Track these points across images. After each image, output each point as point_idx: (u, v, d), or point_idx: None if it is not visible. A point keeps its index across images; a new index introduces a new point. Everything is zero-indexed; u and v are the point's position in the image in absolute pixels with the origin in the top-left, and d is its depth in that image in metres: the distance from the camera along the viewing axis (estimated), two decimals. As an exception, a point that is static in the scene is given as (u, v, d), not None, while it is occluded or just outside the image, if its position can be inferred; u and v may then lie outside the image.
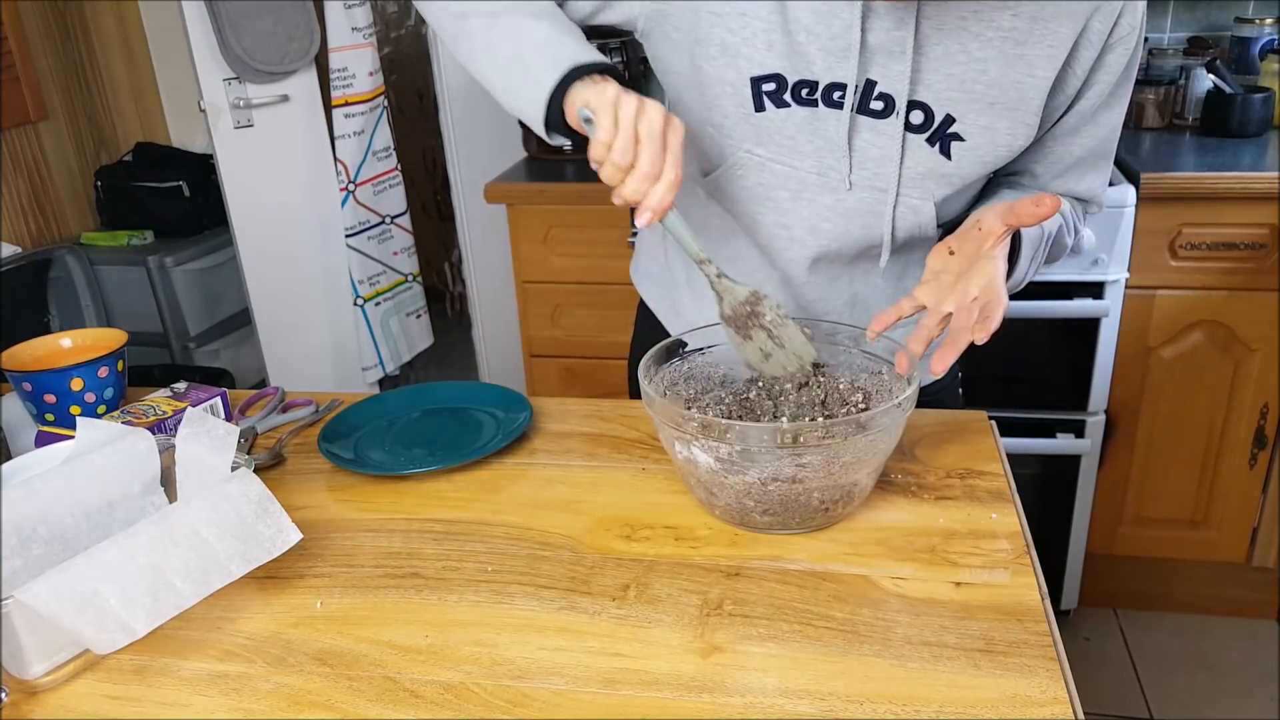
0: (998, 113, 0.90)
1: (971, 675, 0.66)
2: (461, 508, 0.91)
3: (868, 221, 0.96)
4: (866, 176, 0.94)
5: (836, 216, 0.96)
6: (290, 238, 2.50)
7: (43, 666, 0.70)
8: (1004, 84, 0.88)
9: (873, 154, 0.93)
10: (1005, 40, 0.87)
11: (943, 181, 0.93)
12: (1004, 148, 0.92)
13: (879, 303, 1.04)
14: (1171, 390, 1.88)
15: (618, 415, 1.06)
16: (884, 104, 0.90)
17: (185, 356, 2.73)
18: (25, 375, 1.02)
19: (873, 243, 0.98)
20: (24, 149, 2.62)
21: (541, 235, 1.99)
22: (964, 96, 0.89)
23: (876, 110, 0.91)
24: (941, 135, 0.91)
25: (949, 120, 0.90)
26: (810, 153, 0.94)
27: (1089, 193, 1.02)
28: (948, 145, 0.92)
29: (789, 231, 0.99)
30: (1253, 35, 2.09)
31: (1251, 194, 1.70)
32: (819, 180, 0.95)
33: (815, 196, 0.96)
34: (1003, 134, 0.91)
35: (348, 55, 2.38)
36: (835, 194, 0.95)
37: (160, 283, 2.65)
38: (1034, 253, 0.93)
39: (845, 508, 0.83)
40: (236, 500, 0.75)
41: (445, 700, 0.67)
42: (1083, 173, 1.00)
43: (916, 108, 0.90)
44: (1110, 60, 0.90)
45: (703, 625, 0.73)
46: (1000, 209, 0.84)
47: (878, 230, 0.96)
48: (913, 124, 0.91)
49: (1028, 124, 0.91)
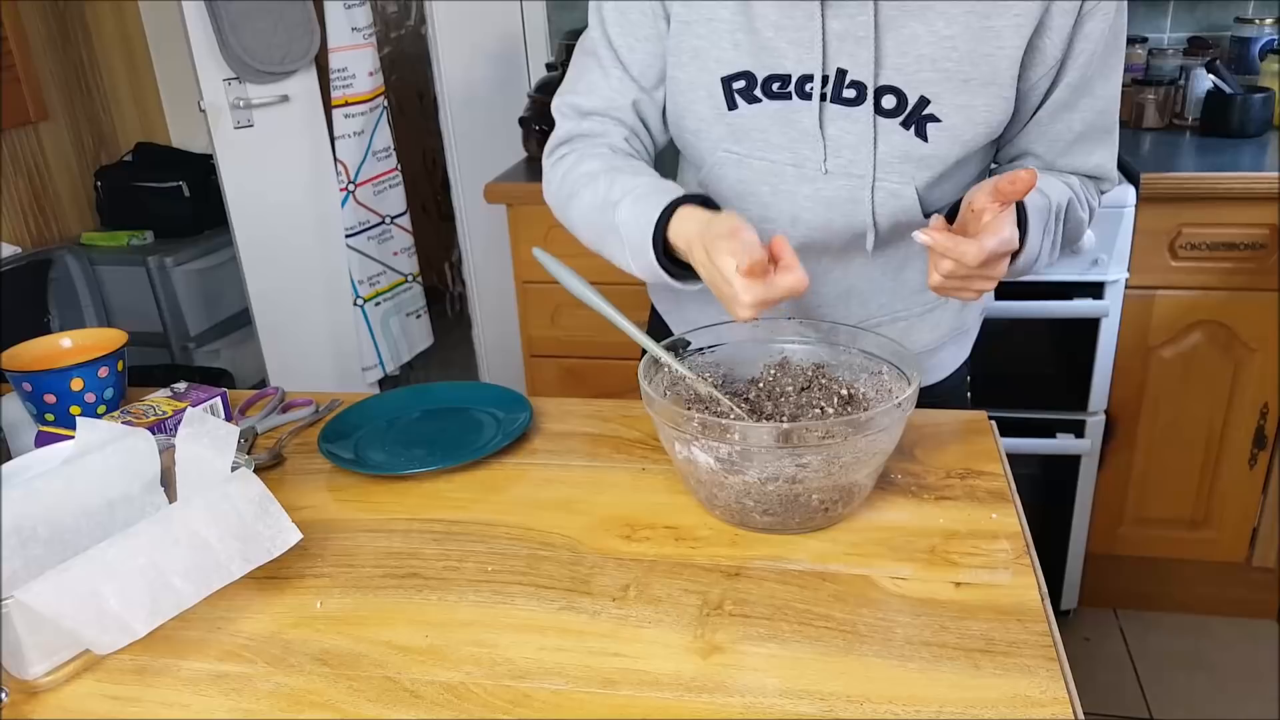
0: (973, 89, 0.90)
1: (971, 675, 0.66)
2: (461, 508, 0.91)
3: (848, 209, 0.97)
4: (842, 164, 0.95)
5: (816, 205, 0.97)
6: (290, 238, 2.50)
7: (43, 666, 0.70)
8: (974, 58, 0.89)
9: (847, 141, 0.94)
10: (970, 15, 0.88)
11: (921, 164, 0.94)
12: (982, 124, 0.92)
13: (875, 295, 1.05)
14: (1171, 390, 1.88)
15: (618, 415, 1.06)
16: (856, 91, 0.92)
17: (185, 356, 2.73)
18: (25, 375, 1.02)
19: (857, 231, 0.98)
20: (24, 149, 2.62)
21: (541, 235, 1.99)
22: (937, 76, 0.90)
23: (849, 98, 0.92)
24: (917, 118, 0.92)
25: (924, 102, 0.91)
26: (785, 145, 0.96)
27: (1098, 169, 1.01)
28: (923, 127, 0.92)
29: (773, 224, 1.00)
30: (1253, 35, 2.09)
31: (1251, 194, 1.70)
32: (796, 171, 0.96)
33: (793, 187, 0.97)
34: (980, 110, 0.92)
35: (348, 55, 2.38)
36: (813, 183, 0.97)
37: (160, 283, 2.65)
38: (1044, 223, 0.91)
39: (845, 508, 0.83)
40: (236, 500, 0.75)
41: (445, 700, 0.67)
42: (1089, 149, 0.99)
43: (889, 92, 0.91)
44: (1090, 29, 0.90)
45: (703, 625, 0.73)
46: (986, 186, 0.83)
47: (860, 217, 0.97)
48: (885, 109, 0.92)
49: (1004, 97, 0.91)
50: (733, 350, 0.97)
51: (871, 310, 1.06)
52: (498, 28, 2.47)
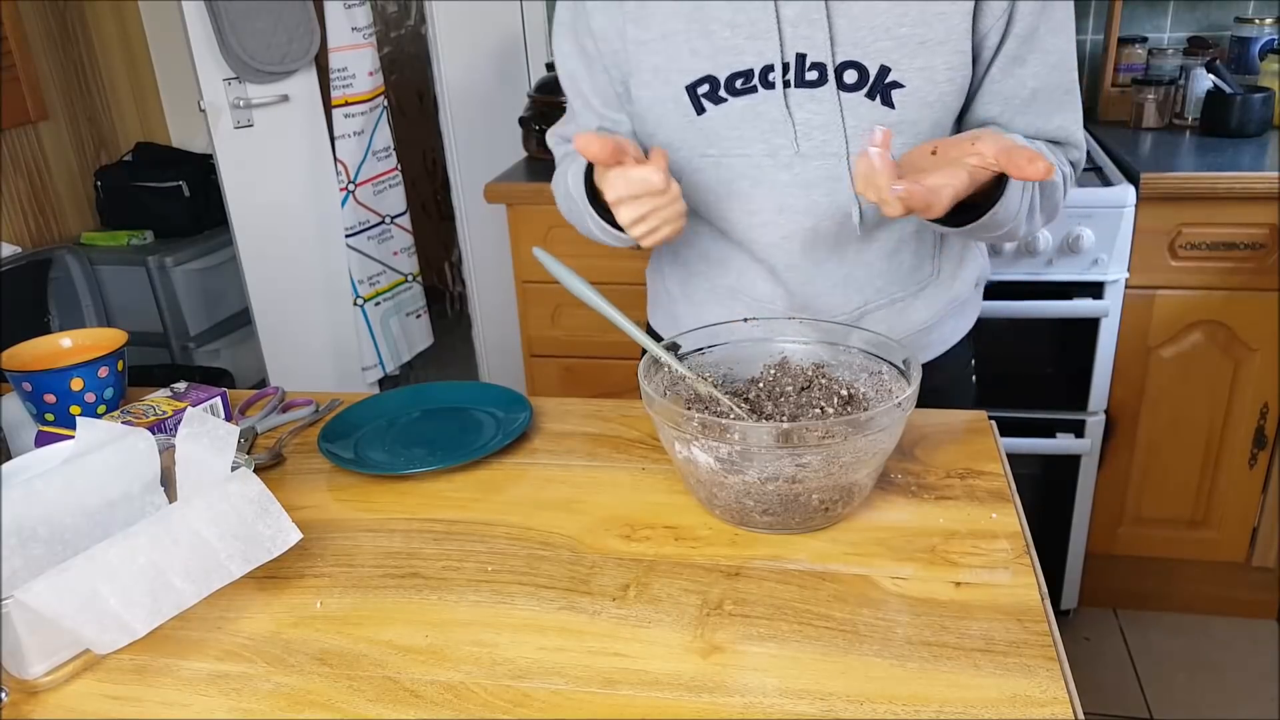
0: (930, 50, 0.92)
1: (971, 675, 0.66)
2: (461, 508, 0.91)
3: (830, 187, 0.98)
4: (815, 145, 0.96)
5: (797, 189, 0.99)
6: (290, 238, 2.50)
7: (43, 666, 0.70)
8: (927, 18, 0.91)
9: (816, 122, 0.96)
10: None
11: (893, 131, 0.93)
12: (945, 83, 0.94)
13: (871, 280, 1.06)
14: (1171, 390, 1.88)
15: (618, 415, 1.06)
16: (818, 73, 0.94)
17: (185, 356, 2.73)
18: (25, 375, 1.02)
19: (844, 210, 0.99)
20: (24, 149, 2.62)
21: (541, 235, 1.99)
22: (893, 44, 0.92)
23: (812, 80, 0.94)
24: (880, 87, 0.94)
25: (884, 70, 0.93)
26: (756, 137, 0.97)
27: (1061, 132, 1.01)
28: (888, 95, 0.94)
29: (758, 217, 1.01)
30: (1253, 35, 2.09)
31: (1251, 194, 1.70)
32: (772, 161, 0.98)
33: (773, 176, 0.99)
34: (940, 70, 0.93)
35: (348, 55, 2.38)
36: (790, 169, 0.98)
37: (160, 283, 2.65)
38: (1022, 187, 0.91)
39: (845, 508, 0.83)
40: (236, 500, 0.75)
41: (445, 700, 0.67)
42: (1048, 111, 0.99)
43: (850, 68, 0.93)
44: None
45: (703, 625, 0.73)
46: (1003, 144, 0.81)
47: (843, 194, 0.98)
48: (848, 84, 0.94)
49: (961, 52, 0.93)
50: (733, 350, 0.97)
51: (869, 295, 1.07)
52: (498, 28, 2.47)
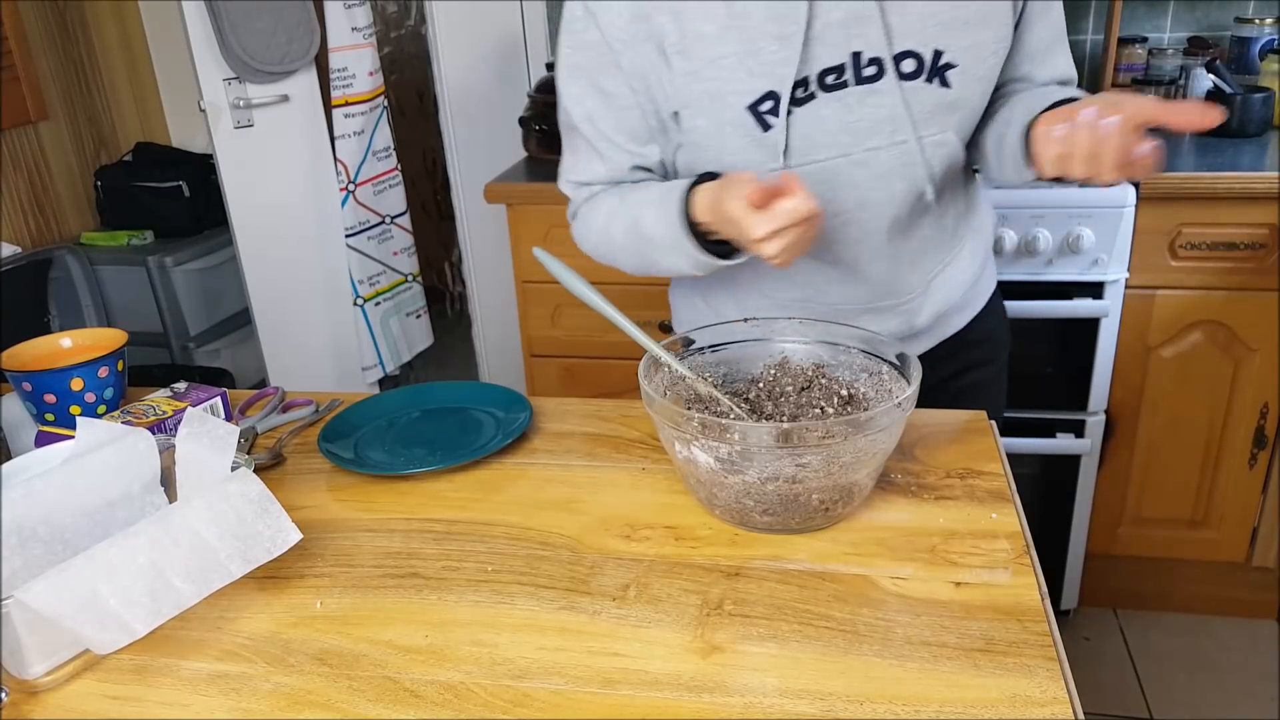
0: (976, 28, 0.94)
1: (971, 675, 0.66)
2: (461, 508, 0.91)
3: (906, 174, 0.99)
4: (884, 137, 0.97)
5: (875, 182, 0.99)
6: (290, 238, 2.49)
7: (43, 666, 0.70)
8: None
9: (882, 115, 0.96)
10: None
11: (952, 109, 0.97)
12: (992, 56, 0.97)
13: (935, 251, 1.09)
14: (1171, 390, 1.88)
15: (618, 415, 1.06)
16: (876, 68, 0.94)
17: (185, 356, 2.73)
18: (25, 375, 1.02)
19: (919, 190, 1.01)
20: (24, 149, 2.62)
21: (541, 235, 1.99)
22: (942, 29, 0.93)
23: (870, 76, 0.94)
24: (937, 70, 0.95)
25: (938, 54, 0.94)
26: (827, 142, 0.97)
27: (1065, 73, 1.06)
28: (945, 76, 0.95)
29: (840, 218, 1.01)
30: (1253, 35, 2.09)
31: (1251, 194, 1.70)
32: (846, 160, 0.98)
33: (849, 175, 0.99)
34: (988, 45, 0.96)
35: (348, 55, 2.38)
36: (864, 166, 0.98)
37: (160, 283, 2.65)
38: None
39: (845, 508, 0.83)
40: (236, 500, 0.75)
41: (445, 700, 0.67)
42: (1056, 57, 1.05)
43: (907, 57, 0.94)
44: None
45: (703, 625, 0.73)
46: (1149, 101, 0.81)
47: (918, 177, 0.99)
48: (906, 73, 0.95)
49: (1004, 23, 0.96)
50: (733, 350, 0.97)
51: (932, 264, 1.09)
52: (498, 28, 2.47)
